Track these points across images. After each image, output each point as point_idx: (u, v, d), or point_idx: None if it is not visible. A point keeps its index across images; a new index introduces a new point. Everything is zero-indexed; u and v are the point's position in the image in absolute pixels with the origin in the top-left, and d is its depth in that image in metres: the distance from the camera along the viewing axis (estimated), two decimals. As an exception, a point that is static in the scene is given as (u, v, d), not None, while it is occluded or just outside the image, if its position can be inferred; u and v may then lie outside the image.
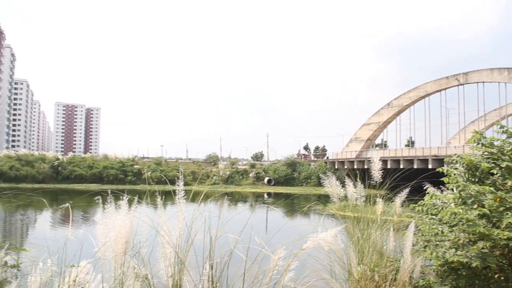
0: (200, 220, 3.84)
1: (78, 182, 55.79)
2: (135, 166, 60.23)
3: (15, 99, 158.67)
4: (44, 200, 20.51)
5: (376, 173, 6.52)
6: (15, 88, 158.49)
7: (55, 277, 3.54)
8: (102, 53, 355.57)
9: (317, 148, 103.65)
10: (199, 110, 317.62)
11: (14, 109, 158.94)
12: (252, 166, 67.12)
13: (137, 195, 3.87)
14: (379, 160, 6.81)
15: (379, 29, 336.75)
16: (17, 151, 67.93)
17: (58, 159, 60.15)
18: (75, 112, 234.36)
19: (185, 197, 3.70)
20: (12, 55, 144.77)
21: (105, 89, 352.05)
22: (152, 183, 56.16)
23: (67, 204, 4.40)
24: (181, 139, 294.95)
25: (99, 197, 3.85)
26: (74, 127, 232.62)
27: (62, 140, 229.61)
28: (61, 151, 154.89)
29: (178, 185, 3.65)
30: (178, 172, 52.83)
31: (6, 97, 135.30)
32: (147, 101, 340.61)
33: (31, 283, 3.42)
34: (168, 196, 4.17)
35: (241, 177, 62.10)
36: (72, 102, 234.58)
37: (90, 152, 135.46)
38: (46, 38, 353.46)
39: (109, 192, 3.83)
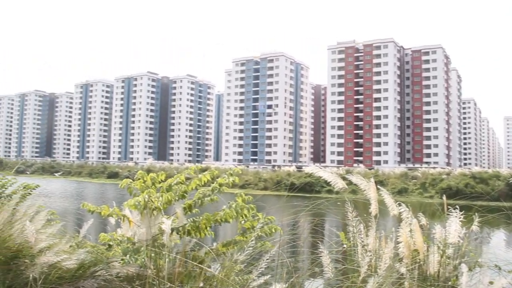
0: None
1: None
2: None
3: (464, 118, 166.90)
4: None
5: None
6: (463, 108, 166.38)
7: None
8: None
9: None
10: None
11: (464, 128, 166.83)
12: None
13: None
14: None
15: None
16: (469, 168, 70.01)
17: (515, 175, 57.72)
18: None
19: None
20: (458, 76, 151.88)
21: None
22: None
23: None
24: None
25: None
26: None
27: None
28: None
29: None
30: None
31: (456, 117, 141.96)
32: None
33: None
34: None
35: None
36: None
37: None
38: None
39: None
